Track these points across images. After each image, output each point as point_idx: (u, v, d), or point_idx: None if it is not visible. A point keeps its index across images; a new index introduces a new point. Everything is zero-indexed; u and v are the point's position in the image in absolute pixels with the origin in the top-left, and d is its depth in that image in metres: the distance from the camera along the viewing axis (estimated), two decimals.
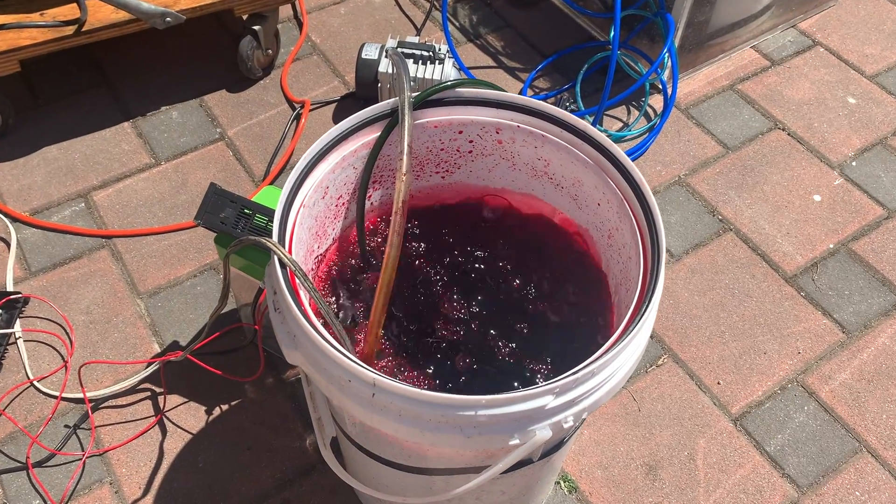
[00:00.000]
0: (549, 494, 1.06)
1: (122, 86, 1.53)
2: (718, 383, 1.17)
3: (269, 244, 0.70)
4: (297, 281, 0.71)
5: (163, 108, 1.50)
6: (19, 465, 1.06)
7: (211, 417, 1.12)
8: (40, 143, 1.43)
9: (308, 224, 0.80)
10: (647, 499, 1.06)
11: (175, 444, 1.09)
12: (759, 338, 1.22)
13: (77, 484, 1.05)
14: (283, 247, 0.73)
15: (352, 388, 0.66)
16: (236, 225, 0.97)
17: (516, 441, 0.66)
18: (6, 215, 1.32)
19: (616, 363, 0.68)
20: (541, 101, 0.83)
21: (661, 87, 1.52)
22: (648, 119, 1.50)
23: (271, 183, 1.39)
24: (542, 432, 0.66)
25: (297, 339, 0.70)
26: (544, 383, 0.64)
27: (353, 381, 0.66)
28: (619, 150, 0.79)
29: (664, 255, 0.72)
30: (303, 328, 0.67)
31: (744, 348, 1.21)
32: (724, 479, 1.08)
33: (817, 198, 1.40)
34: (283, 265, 0.70)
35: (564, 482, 1.07)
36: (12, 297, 1.20)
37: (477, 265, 0.88)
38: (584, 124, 0.81)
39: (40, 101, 1.50)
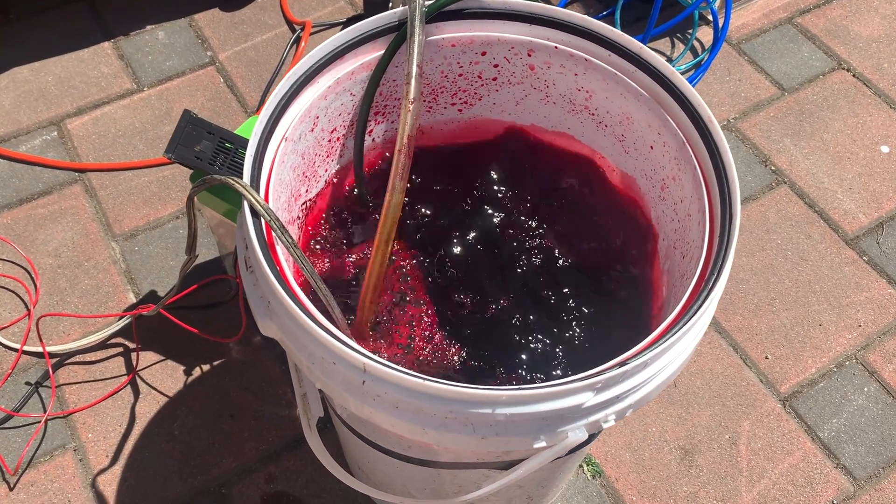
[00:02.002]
0: (570, 479, 0.93)
1: (103, 1, 1.36)
2: (766, 358, 1.03)
3: (238, 186, 0.56)
4: (274, 235, 0.56)
5: (148, 28, 1.34)
6: None
7: (189, 379, 0.99)
8: (10, 64, 1.28)
9: (292, 162, 0.65)
10: (680, 487, 0.94)
11: (148, 407, 0.97)
12: (815, 307, 1.07)
13: (36, 449, 0.93)
14: (257, 190, 0.58)
15: (337, 371, 0.52)
16: (214, 161, 0.82)
17: (542, 444, 0.52)
18: None
19: (673, 351, 0.53)
20: (585, 17, 0.66)
21: (711, 17, 1.33)
22: (695, 54, 1.33)
23: None
24: (576, 434, 0.52)
25: (272, 306, 0.55)
26: (582, 376, 0.50)
27: (338, 364, 0.52)
28: (683, 81, 0.63)
29: (738, 215, 0.57)
30: (277, 294, 0.53)
31: (796, 318, 1.06)
32: (769, 467, 0.95)
33: (885, 149, 1.23)
34: (255, 214, 0.56)
35: (588, 465, 0.94)
36: None
37: (497, 220, 0.73)
38: (640, 46, 0.65)
39: (11, 16, 1.34)
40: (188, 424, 0.96)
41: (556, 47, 0.68)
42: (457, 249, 0.71)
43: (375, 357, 0.51)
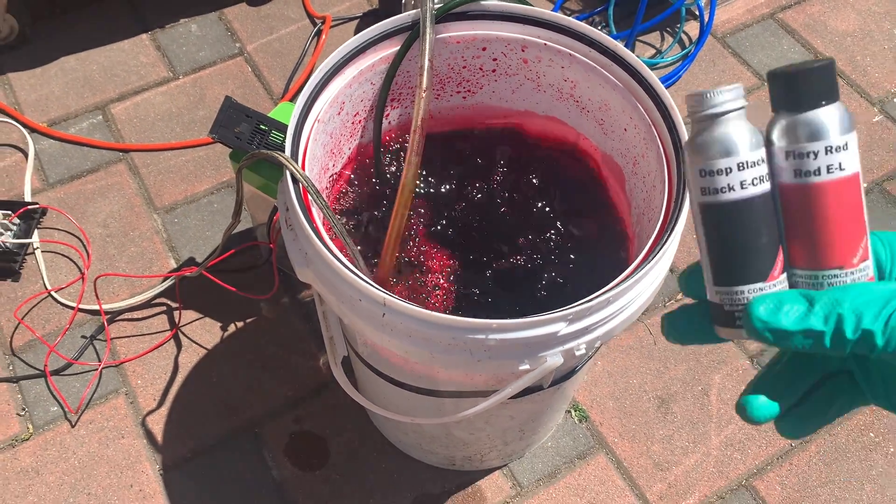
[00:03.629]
0: (559, 422, 1.06)
1: None
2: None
3: (281, 158, 0.68)
4: (310, 198, 0.69)
5: (181, 21, 1.46)
6: (38, 372, 1.08)
7: (226, 334, 1.12)
8: (58, 54, 1.41)
9: (323, 140, 0.77)
10: (657, 430, 1.06)
11: (190, 358, 1.10)
12: None
13: (94, 393, 1.07)
14: (296, 162, 0.70)
15: (362, 307, 0.65)
16: (252, 141, 0.95)
17: (526, 366, 0.65)
18: (24, 126, 1.31)
19: (633, 292, 0.66)
20: (570, 18, 0.78)
21: (697, 12, 1.45)
22: (683, 46, 1.44)
23: (290, 100, 1.36)
24: (553, 359, 0.65)
25: (309, 256, 0.68)
26: (557, 310, 0.63)
27: (363, 301, 0.64)
28: (650, 73, 0.75)
29: None
30: (314, 246, 0.66)
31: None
32: (736, 415, 1.07)
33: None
34: (295, 181, 0.68)
35: (575, 411, 1.07)
36: (30, 207, 1.19)
37: (496, 189, 0.86)
38: (615, 44, 0.77)
39: (57, 9, 1.46)
40: (225, 373, 1.09)
41: (545, 44, 0.80)
42: (461, 213, 0.83)
43: (393, 295, 0.64)
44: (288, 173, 0.68)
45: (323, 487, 1.01)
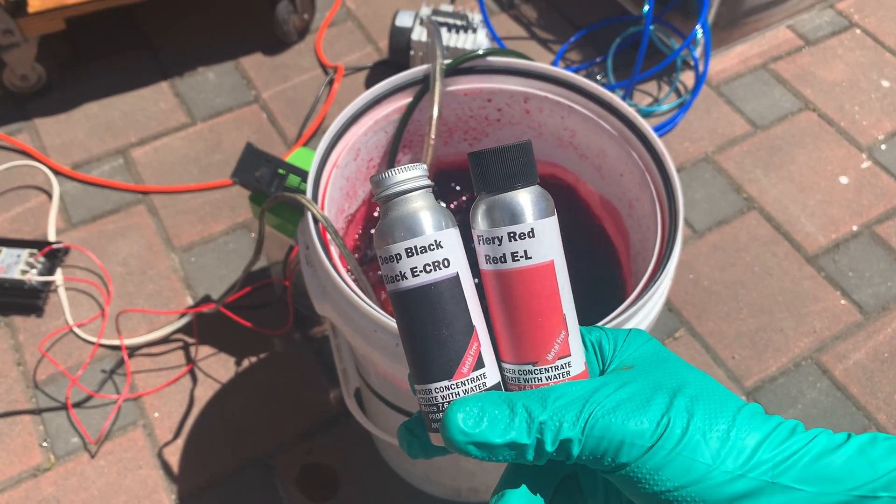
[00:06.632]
0: None
1: (161, 46, 1.57)
2: (734, 357, 1.20)
3: (303, 200, 0.74)
4: (329, 236, 0.74)
5: (199, 70, 1.54)
6: (59, 404, 1.12)
7: (240, 369, 1.17)
8: (82, 100, 1.48)
9: (340, 184, 0.83)
10: None
11: (205, 392, 1.14)
12: (777, 315, 1.24)
13: (113, 425, 1.11)
14: (317, 204, 0.76)
15: (377, 338, 0.70)
16: (270, 184, 1.00)
17: None
18: (49, 168, 1.37)
19: (630, 324, 0.70)
20: (569, 72, 0.85)
21: (693, 63, 1.52)
22: (679, 95, 1.51)
23: (303, 146, 1.42)
24: None
25: (327, 290, 0.73)
26: None
27: (378, 332, 0.69)
28: (643, 123, 0.80)
29: (681, 225, 0.75)
30: (333, 280, 0.71)
31: (761, 325, 1.23)
32: None
33: (844, 180, 1.40)
34: (315, 221, 0.74)
35: None
36: (54, 246, 1.25)
37: None
38: (611, 96, 0.83)
39: (82, 59, 1.54)
40: (238, 407, 1.13)
41: (546, 96, 0.86)
42: (467, 250, 0.88)
43: None
44: (309, 214, 0.74)
45: None
